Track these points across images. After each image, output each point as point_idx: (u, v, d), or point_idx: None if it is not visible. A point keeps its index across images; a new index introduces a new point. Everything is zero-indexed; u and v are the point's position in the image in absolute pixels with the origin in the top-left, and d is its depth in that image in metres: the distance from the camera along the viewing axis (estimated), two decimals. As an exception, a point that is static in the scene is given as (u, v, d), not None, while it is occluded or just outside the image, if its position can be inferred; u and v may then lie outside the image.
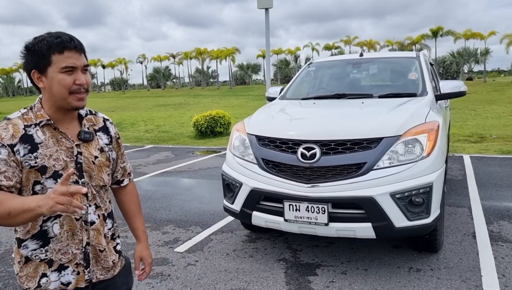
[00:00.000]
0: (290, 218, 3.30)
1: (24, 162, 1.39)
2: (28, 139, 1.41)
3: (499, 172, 6.70)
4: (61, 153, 1.45)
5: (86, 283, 1.54)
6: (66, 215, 1.46)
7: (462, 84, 4.48)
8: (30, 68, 1.42)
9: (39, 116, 1.45)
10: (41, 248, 1.46)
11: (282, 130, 3.61)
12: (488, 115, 15.65)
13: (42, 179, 1.42)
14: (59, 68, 1.41)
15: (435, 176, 3.22)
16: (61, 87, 1.42)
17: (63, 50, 1.40)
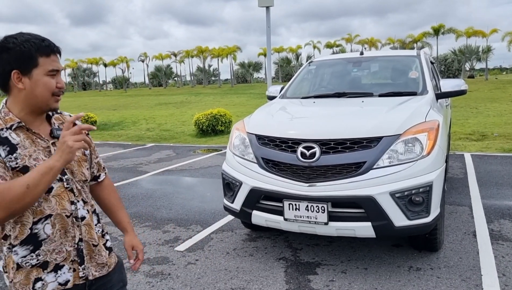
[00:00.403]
0: (290, 217, 3.30)
1: (6, 163, 1.36)
2: (5, 141, 1.38)
3: (500, 170, 6.68)
4: (39, 153, 1.44)
5: (82, 280, 1.52)
6: (56, 213, 1.45)
7: (463, 82, 4.46)
8: (11, 68, 1.38)
9: (9, 120, 1.42)
10: (31, 254, 1.43)
11: (282, 129, 3.61)
12: (489, 113, 15.62)
13: None
14: (46, 70, 1.41)
15: (435, 175, 3.22)
16: (46, 90, 1.42)
17: (50, 54, 1.42)
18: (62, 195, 1.47)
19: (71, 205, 1.49)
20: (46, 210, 1.43)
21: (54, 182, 1.43)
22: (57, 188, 1.46)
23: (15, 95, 1.42)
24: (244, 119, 4.14)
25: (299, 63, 53.54)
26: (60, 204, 1.46)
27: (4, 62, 1.38)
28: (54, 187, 1.45)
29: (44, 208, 1.43)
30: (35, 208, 1.41)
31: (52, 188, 1.44)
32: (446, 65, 44.86)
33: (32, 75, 1.40)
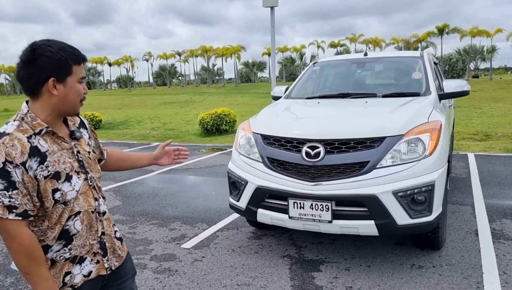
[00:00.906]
0: (295, 216, 3.37)
1: (38, 175, 1.41)
2: (36, 151, 1.41)
3: (503, 170, 6.72)
4: (65, 156, 1.51)
5: (107, 271, 1.63)
6: (84, 210, 1.55)
7: (466, 83, 4.52)
8: (48, 75, 1.43)
9: (36, 126, 1.45)
10: (64, 248, 1.51)
11: (287, 129, 3.68)
12: (493, 113, 15.60)
13: (59, 185, 1.46)
14: (78, 78, 1.51)
15: (437, 174, 3.28)
16: (77, 95, 1.52)
17: (80, 62, 1.51)
18: (87, 192, 1.57)
19: (94, 201, 1.60)
20: (76, 207, 1.52)
21: (80, 182, 1.54)
22: (83, 186, 1.55)
23: (46, 100, 1.47)
24: (250, 119, 4.21)
25: (303, 63, 53.53)
26: (87, 201, 1.56)
27: (41, 69, 1.42)
28: (81, 186, 1.54)
29: (74, 206, 1.52)
30: (71, 207, 1.51)
31: (80, 188, 1.54)
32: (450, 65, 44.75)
33: (67, 82, 1.47)
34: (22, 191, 1.38)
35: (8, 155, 1.35)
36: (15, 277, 3.58)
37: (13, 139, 1.38)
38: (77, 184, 1.53)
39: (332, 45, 50.47)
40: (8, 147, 1.36)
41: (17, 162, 1.36)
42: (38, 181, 1.41)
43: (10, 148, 1.36)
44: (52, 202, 1.45)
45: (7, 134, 1.39)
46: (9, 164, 1.35)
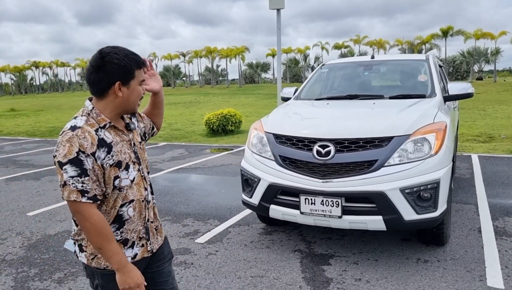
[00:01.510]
0: (306, 211, 3.54)
1: (105, 164, 1.61)
2: (103, 142, 1.61)
3: (507, 171, 6.87)
4: (125, 147, 1.71)
5: (149, 253, 1.82)
6: (137, 199, 1.74)
7: (470, 86, 4.67)
8: (115, 80, 1.62)
9: (101, 120, 1.65)
10: (116, 231, 1.70)
11: (298, 128, 3.85)
12: (497, 115, 15.72)
13: (119, 173, 1.66)
14: (139, 81, 1.70)
15: (442, 172, 3.44)
16: (137, 96, 1.71)
17: (141, 67, 1.71)
18: (140, 183, 1.77)
19: (145, 191, 1.79)
20: (130, 196, 1.72)
21: (135, 172, 1.73)
22: (137, 177, 1.75)
23: (111, 100, 1.66)
24: (262, 119, 4.38)
25: (307, 64, 53.66)
26: (139, 191, 1.76)
27: (110, 74, 1.61)
28: (135, 176, 1.73)
29: (128, 194, 1.71)
30: (124, 195, 1.69)
31: (134, 178, 1.73)
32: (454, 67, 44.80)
33: (130, 85, 1.67)
34: (92, 178, 1.57)
35: (81, 145, 1.54)
36: (38, 268, 3.76)
37: (84, 132, 1.57)
38: (132, 173, 1.72)
39: (336, 47, 50.60)
40: (81, 139, 1.55)
41: (88, 152, 1.55)
42: (104, 169, 1.61)
43: (83, 139, 1.55)
44: (111, 188, 1.65)
45: (78, 128, 1.58)
46: (82, 153, 1.54)
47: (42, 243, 4.36)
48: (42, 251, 4.15)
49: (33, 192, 6.58)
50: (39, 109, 30.69)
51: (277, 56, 11.90)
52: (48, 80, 69.73)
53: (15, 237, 4.57)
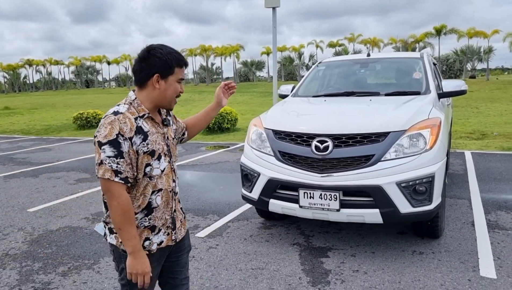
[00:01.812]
0: (305, 205, 3.63)
1: (139, 150, 1.73)
2: (140, 130, 1.73)
3: (499, 167, 7.01)
4: (159, 138, 1.83)
5: (173, 242, 1.93)
6: (165, 189, 1.84)
7: (463, 83, 4.78)
8: (154, 71, 1.75)
9: (141, 110, 1.77)
10: (145, 217, 1.81)
11: (297, 124, 3.94)
12: (490, 113, 15.92)
13: (151, 161, 1.77)
14: (177, 78, 1.82)
15: (437, 167, 3.55)
16: (174, 92, 1.83)
17: (182, 66, 1.83)
18: (169, 174, 1.87)
19: (173, 182, 1.90)
20: (159, 185, 1.82)
21: (166, 163, 1.84)
22: (167, 168, 1.85)
23: (150, 92, 1.79)
24: (261, 115, 4.47)
25: (302, 62, 53.80)
26: (167, 181, 1.86)
27: (151, 66, 1.75)
28: (165, 167, 1.84)
29: (158, 183, 1.81)
30: (154, 183, 1.80)
31: (165, 169, 1.84)
32: (448, 65, 45.12)
33: (168, 80, 1.79)
34: (126, 161, 1.68)
35: (121, 129, 1.67)
36: (42, 262, 3.82)
37: (125, 118, 1.71)
38: (163, 164, 1.83)
39: (331, 45, 50.78)
40: (121, 123, 1.68)
41: (126, 136, 1.68)
42: (138, 155, 1.73)
43: (123, 124, 1.68)
44: (142, 174, 1.76)
45: (120, 113, 1.71)
46: (120, 136, 1.67)
47: (44, 238, 4.42)
48: (45, 246, 4.21)
49: (32, 189, 6.62)
50: (33, 108, 30.55)
51: (272, 54, 11.99)
52: (42, 78, 69.32)
53: (17, 232, 4.63)
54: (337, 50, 49.93)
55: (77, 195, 6.14)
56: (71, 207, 5.54)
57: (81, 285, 3.36)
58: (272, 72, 12.12)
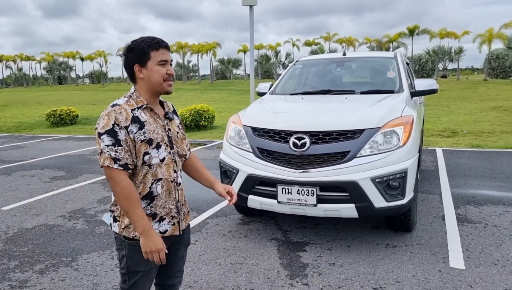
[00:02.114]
0: (283, 200, 3.71)
1: (136, 138, 1.81)
2: (137, 119, 1.82)
3: (468, 163, 7.28)
4: (158, 128, 1.89)
5: (179, 232, 1.99)
6: (165, 178, 1.91)
7: (435, 82, 4.96)
8: (133, 63, 1.84)
9: (139, 102, 1.86)
10: (147, 206, 1.89)
11: (275, 122, 4.01)
12: (460, 112, 16.43)
13: (149, 150, 1.84)
14: (157, 61, 1.84)
15: (409, 163, 3.68)
16: (158, 76, 1.85)
17: (159, 48, 1.85)
18: (170, 164, 1.94)
19: (174, 173, 1.96)
20: (159, 174, 1.89)
21: (166, 154, 1.90)
22: (167, 159, 1.92)
23: (140, 83, 1.88)
24: (239, 112, 4.52)
25: (278, 61, 54.05)
26: (168, 171, 1.93)
27: (129, 59, 1.85)
28: (166, 158, 1.91)
29: (158, 173, 1.89)
30: (154, 172, 1.87)
31: (164, 159, 1.90)
32: (420, 65, 46.19)
33: (147, 66, 1.84)
34: (124, 148, 1.78)
35: (117, 119, 1.77)
36: (18, 260, 3.77)
37: (121, 109, 1.81)
38: (162, 153, 1.89)
39: (307, 44, 51.17)
40: (117, 114, 1.78)
41: (122, 125, 1.78)
42: (135, 142, 1.81)
43: (119, 114, 1.78)
44: (141, 162, 1.84)
45: (117, 105, 1.83)
46: (116, 126, 1.77)
47: (20, 236, 4.36)
48: (21, 244, 4.16)
49: (6, 187, 6.48)
50: (4, 104, 29.65)
51: (250, 52, 12.03)
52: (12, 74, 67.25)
53: (-9, 231, 4.54)
54: (313, 49, 50.37)
55: (53, 193, 6.05)
56: (47, 205, 5.46)
57: (59, 282, 3.35)
58: (249, 70, 12.17)
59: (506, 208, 4.85)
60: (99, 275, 3.45)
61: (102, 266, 3.61)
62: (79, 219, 4.87)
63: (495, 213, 4.68)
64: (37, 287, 3.28)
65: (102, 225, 4.62)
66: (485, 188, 5.72)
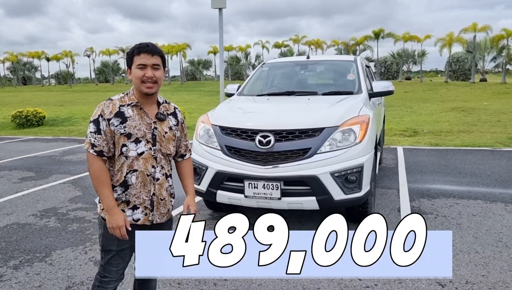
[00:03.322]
0: (250, 195, 3.96)
1: (116, 131, 2.04)
2: (121, 114, 2.06)
3: (425, 161, 7.75)
4: (142, 126, 2.09)
5: (149, 222, 2.18)
6: (140, 170, 2.11)
7: (391, 84, 5.32)
8: (127, 68, 2.12)
9: (131, 99, 2.11)
10: (122, 193, 2.12)
11: (242, 121, 4.26)
12: (422, 112, 17.16)
13: (127, 142, 2.06)
14: (136, 65, 2.06)
15: (365, 158, 4.00)
16: (136, 78, 2.07)
17: (140, 53, 2.06)
18: (148, 159, 2.13)
19: (152, 168, 2.14)
20: (135, 166, 2.10)
21: (145, 149, 2.10)
22: (146, 154, 2.11)
23: (133, 84, 2.13)
24: (208, 112, 4.74)
25: (248, 62, 54.40)
26: (144, 165, 2.12)
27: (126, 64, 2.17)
28: (145, 152, 2.10)
29: (134, 164, 2.10)
30: (130, 163, 2.09)
31: (143, 153, 2.10)
32: (386, 67, 47.58)
33: (132, 70, 2.09)
34: (102, 137, 2.04)
35: (103, 111, 2.06)
36: None
37: (110, 103, 2.09)
38: (141, 148, 2.09)
39: (276, 46, 51.81)
40: (105, 107, 2.07)
41: (105, 117, 2.05)
42: (115, 134, 2.05)
43: (106, 107, 2.07)
44: (119, 152, 2.07)
45: (110, 100, 2.11)
46: (101, 117, 2.05)
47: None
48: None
49: (-27, 188, 6.44)
50: (-36, 106, 28.62)
51: (219, 54, 12.24)
52: (-28, 74, 64.74)
53: (-39, 230, 4.57)
54: (283, 51, 51.06)
55: (23, 193, 6.08)
56: (17, 205, 5.51)
57: (34, 276, 3.47)
58: (219, 71, 12.37)
59: (456, 200, 5.27)
60: (74, 268, 3.59)
61: (76, 260, 3.75)
62: (51, 217, 4.96)
63: (446, 205, 5.08)
64: (12, 281, 3.39)
65: (74, 223, 4.73)
66: (439, 182, 6.16)
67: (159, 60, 2.09)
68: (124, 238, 2.07)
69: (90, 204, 5.46)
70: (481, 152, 8.51)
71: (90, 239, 4.24)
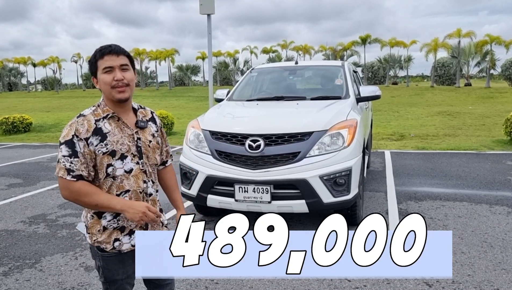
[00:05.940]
0: (240, 199, 4.00)
1: (97, 151, 1.77)
2: (99, 131, 1.78)
3: (412, 164, 7.87)
4: (124, 139, 1.84)
5: None
6: (133, 189, 1.86)
7: (378, 89, 5.42)
8: (92, 76, 1.84)
9: (105, 111, 1.82)
10: (114, 219, 1.86)
11: (232, 126, 4.31)
12: (408, 116, 17.39)
13: (112, 161, 1.80)
14: (101, 69, 1.79)
15: (353, 162, 4.08)
16: (104, 84, 1.79)
17: (103, 56, 1.79)
18: (138, 175, 1.88)
19: (143, 183, 1.90)
20: (126, 186, 1.85)
21: (132, 164, 1.85)
22: (136, 170, 1.87)
23: (102, 93, 1.86)
24: (198, 117, 4.78)
25: (237, 68, 54.51)
26: (136, 183, 1.87)
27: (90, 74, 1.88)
28: (133, 169, 1.86)
29: (124, 185, 1.84)
30: (118, 184, 1.83)
31: (132, 170, 1.85)
32: (373, 72, 48.04)
33: (98, 76, 1.82)
34: (81, 160, 1.75)
35: (77, 130, 1.76)
36: None
37: (84, 120, 1.79)
38: (128, 164, 1.84)
39: (265, 51, 51.98)
40: (78, 125, 1.77)
41: (82, 137, 1.76)
42: (96, 155, 1.78)
43: (80, 125, 1.77)
44: (104, 175, 1.81)
45: (82, 116, 1.81)
46: (76, 137, 1.75)
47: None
48: (-19, 249, 4.19)
49: (-41, 195, 6.37)
50: None
51: (208, 60, 12.26)
52: (-44, 80, 63.74)
53: (-51, 238, 4.53)
54: (271, 56, 51.26)
55: (11, 200, 6.03)
56: (5, 211, 5.46)
57: (24, 282, 3.46)
58: (208, 77, 12.40)
59: (443, 202, 5.38)
60: (64, 274, 3.59)
61: (67, 266, 3.75)
62: (40, 223, 4.93)
63: (432, 207, 5.18)
64: (2, 287, 3.37)
65: (64, 229, 4.71)
66: (425, 185, 6.26)
67: (126, 60, 1.83)
68: (159, 215, 1.87)
69: (80, 210, 5.44)
70: (466, 155, 8.67)
71: (80, 245, 4.23)
